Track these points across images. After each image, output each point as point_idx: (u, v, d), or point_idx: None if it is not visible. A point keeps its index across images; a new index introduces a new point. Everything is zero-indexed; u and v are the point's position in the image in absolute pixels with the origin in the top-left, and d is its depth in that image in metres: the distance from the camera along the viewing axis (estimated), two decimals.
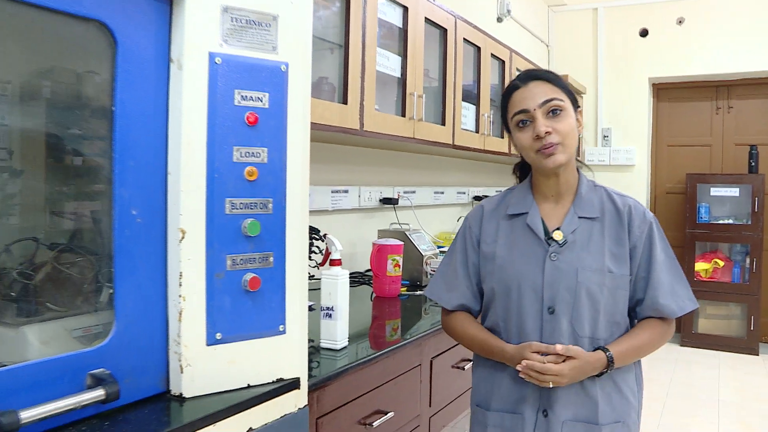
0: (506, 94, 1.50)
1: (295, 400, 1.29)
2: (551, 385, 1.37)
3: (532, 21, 5.49)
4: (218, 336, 1.17)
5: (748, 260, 5.31)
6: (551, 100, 1.42)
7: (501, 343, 1.47)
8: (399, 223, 3.19)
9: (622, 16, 5.68)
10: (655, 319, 1.48)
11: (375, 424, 1.71)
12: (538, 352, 1.38)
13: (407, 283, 2.69)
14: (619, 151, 5.69)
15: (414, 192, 3.54)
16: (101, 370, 1.05)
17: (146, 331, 1.13)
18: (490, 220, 1.56)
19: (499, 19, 4.66)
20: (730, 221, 5.43)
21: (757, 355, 5.23)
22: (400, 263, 2.49)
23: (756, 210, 5.22)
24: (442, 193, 3.90)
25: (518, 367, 1.38)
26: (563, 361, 1.36)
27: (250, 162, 1.18)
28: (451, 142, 3.02)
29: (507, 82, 2.69)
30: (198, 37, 1.13)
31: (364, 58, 2.28)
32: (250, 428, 1.18)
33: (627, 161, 5.67)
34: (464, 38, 3.13)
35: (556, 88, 1.44)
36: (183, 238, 1.12)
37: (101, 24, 1.04)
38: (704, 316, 5.54)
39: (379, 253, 2.45)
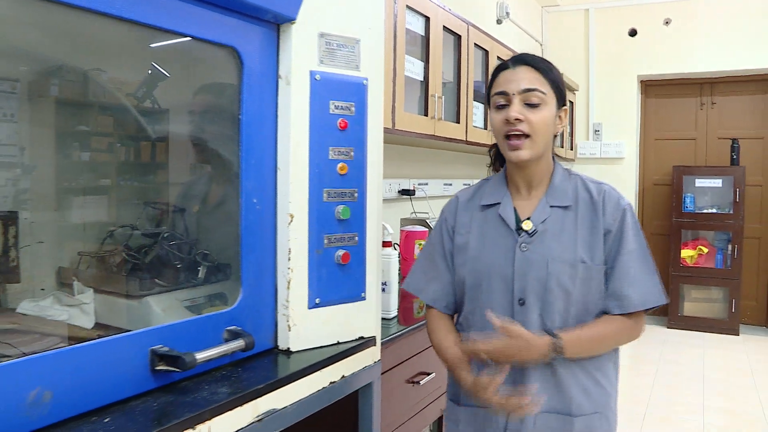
0: (494, 73, 1.47)
1: (372, 355, 1.56)
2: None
3: (527, 21, 5.78)
4: (317, 301, 1.44)
5: (730, 247, 5.67)
6: (533, 90, 1.38)
7: (464, 375, 1.41)
8: (415, 213, 3.46)
9: (612, 17, 5.99)
10: (618, 315, 1.42)
11: (422, 382, 1.99)
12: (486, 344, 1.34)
13: None
14: (609, 145, 6.01)
15: (427, 184, 3.82)
16: (234, 327, 1.32)
17: (262, 297, 1.39)
18: (464, 211, 1.54)
19: (499, 21, 4.94)
20: (714, 210, 5.78)
21: (738, 335, 5.60)
22: None
23: (737, 200, 5.58)
24: (451, 184, 4.19)
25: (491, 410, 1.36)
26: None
27: (341, 159, 1.45)
28: (464, 139, 3.30)
29: None
30: (302, 58, 1.39)
31: (395, 65, 2.55)
32: (343, 375, 1.45)
33: (617, 154, 6.00)
34: (475, 43, 3.41)
35: (543, 80, 1.40)
36: (291, 221, 1.39)
37: (233, 49, 1.30)
38: (689, 300, 5.91)
39: (407, 239, 2.73)
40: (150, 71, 1.45)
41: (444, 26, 3.02)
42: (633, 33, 5.92)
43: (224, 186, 1.53)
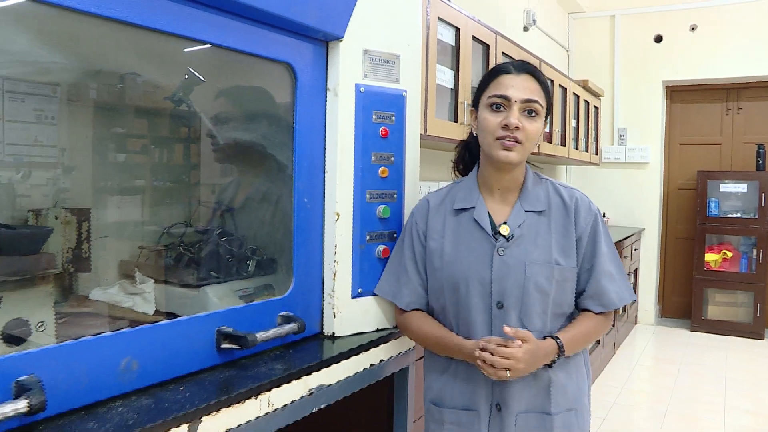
0: (494, 73, 1.48)
1: (408, 341, 1.71)
2: (508, 376, 1.31)
3: (553, 28, 5.89)
4: (359, 291, 1.59)
5: (755, 251, 5.72)
6: (534, 101, 1.43)
7: (459, 340, 1.46)
8: None
9: (637, 23, 6.07)
10: (594, 312, 1.49)
11: None
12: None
13: None
14: (634, 150, 6.10)
15: None
16: (286, 312, 1.48)
17: (310, 286, 1.55)
18: (436, 215, 1.56)
19: (526, 29, 5.06)
20: (739, 215, 5.83)
21: (763, 339, 5.64)
22: None
23: (763, 205, 5.62)
24: None
25: (475, 352, 1.35)
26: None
27: (383, 164, 1.60)
28: None
29: None
30: (348, 73, 1.55)
31: (427, 74, 2.70)
32: (382, 359, 1.60)
33: (641, 159, 6.08)
34: (503, 52, 3.54)
35: (541, 92, 1.46)
36: (338, 219, 1.55)
37: (288, 65, 1.46)
38: (713, 304, 5.96)
39: None
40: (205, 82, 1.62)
41: (473, 36, 3.16)
42: (658, 39, 6.00)
43: (274, 186, 1.69)
